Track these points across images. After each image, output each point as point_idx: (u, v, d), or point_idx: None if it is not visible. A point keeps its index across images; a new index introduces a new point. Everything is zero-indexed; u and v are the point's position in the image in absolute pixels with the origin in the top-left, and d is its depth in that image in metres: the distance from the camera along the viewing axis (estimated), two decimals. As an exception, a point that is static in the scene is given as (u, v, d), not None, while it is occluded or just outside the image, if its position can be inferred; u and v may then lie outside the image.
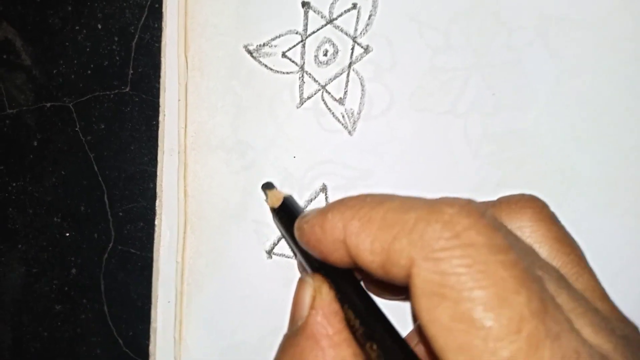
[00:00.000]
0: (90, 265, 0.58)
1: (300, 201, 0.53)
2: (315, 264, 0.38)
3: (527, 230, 0.34)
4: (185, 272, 0.54)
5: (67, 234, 0.58)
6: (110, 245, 0.57)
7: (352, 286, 0.36)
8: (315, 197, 0.53)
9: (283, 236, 0.50)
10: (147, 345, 0.56)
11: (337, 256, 0.33)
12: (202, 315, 0.54)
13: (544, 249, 0.34)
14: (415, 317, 0.29)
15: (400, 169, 0.53)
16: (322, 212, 0.34)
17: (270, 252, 0.54)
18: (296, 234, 0.38)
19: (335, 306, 0.35)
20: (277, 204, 0.47)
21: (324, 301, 0.36)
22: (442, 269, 0.27)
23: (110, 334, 0.57)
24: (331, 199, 0.53)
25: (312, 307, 0.36)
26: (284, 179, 0.54)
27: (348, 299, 0.36)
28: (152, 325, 0.56)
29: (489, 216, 0.28)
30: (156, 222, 0.56)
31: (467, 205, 0.28)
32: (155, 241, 0.56)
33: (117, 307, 0.57)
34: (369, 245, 0.30)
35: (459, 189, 0.52)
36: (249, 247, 0.54)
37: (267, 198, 0.49)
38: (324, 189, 0.53)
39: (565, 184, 0.51)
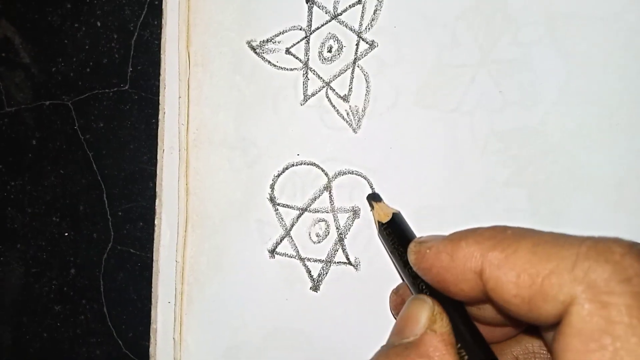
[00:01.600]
0: (89, 265, 0.57)
1: (304, 199, 0.53)
2: (424, 290, 0.38)
3: None
4: (186, 272, 0.54)
5: (66, 234, 0.57)
6: (110, 245, 0.57)
7: (464, 319, 0.36)
8: (319, 196, 0.53)
9: (387, 252, 0.49)
10: (147, 347, 0.55)
11: (464, 287, 0.33)
12: (202, 315, 0.53)
13: None
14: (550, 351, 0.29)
15: (406, 167, 0.52)
16: (453, 239, 0.33)
17: (272, 252, 0.53)
18: (411, 257, 0.37)
19: (452, 338, 0.35)
20: (385, 219, 0.47)
21: (444, 328, 0.35)
22: (609, 315, 0.26)
23: (110, 334, 0.57)
24: (335, 198, 0.53)
25: (431, 329, 0.35)
26: (287, 177, 0.53)
27: (461, 333, 0.35)
28: (152, 326, 0.55)
29: None
30: (156, 222, 0.55)
31: (634, 247, 0.27)
32: (155, 241, 0.55)
33: (117, 308, 0.57)
34: (513, 278, 0.29)
35: (465, 187, 0.52)
36: (251, 246, 0.53)
37: (372, 209, 0.49)
38: (327, 187, 0.53)
39: (573, 183, 0.51)
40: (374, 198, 0.51)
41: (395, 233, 0.45)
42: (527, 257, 0.29)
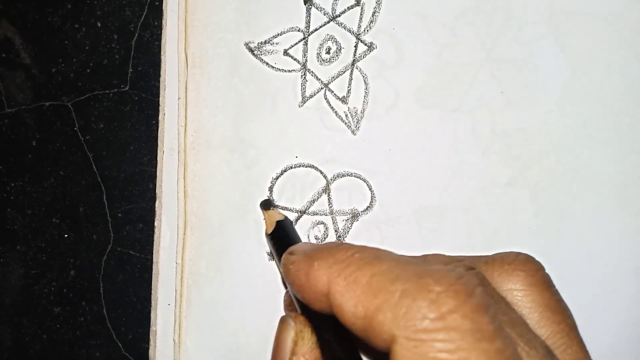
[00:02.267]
0: (89, 267, 0.57)
1: (303, 202, 0.53)
2: (300, 302, 0.38)
3: (518, 294, 0.33)
4: (185, 274, 0.53)
5: (66, 235, 0.57)
6: (109, 246, 0.57)
7: (335, 332, 0.35)
8: (317, 198, 0.53)
9: (277, 265, 0.50)
10: (147, 349, 0.55)
11: (319, 306, 0.33)
12: (202, 317, 0.53)
13: (534, 315, 0.33)
14: None
15: (406, 169, 0.52)
16: (309, 258, 0.33)
17: (271, 254, 0.53)
18: (282, 270, 0.37)
19: (316, 353, 0.35)
20: (270, 229, 0.47)
21: (305, 347, 0.35)
22: (424, 351, 0.26)
23: (110, 336, 0.57)
24: (334, 200, 0.52)
25: (293, 352, 0.35)
26: (286, 179, 0.53)
27: (329, 346, 0.35)
28: (152, 328, 0.55)
29: (478, 294, 0.28)
30: (156, 223, 0.55)
31: (456, 283, 0.28)
32: (155, 242, 0.55)
33: (116, 310, 0.57)
34: (352, 308, 0.30)
35: (466, 188, 0.51)
36: (250, 249, 0.53)
37: (264, 218, 0.49)
38: (326, 189, 0.52)
39: (577, 183, 0.51)
40: (264, 206, 0.51)
41: (278, 243, 0.45)
42: (363, 288, 0.29)
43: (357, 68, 0.52)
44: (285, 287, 0.45)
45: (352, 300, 0.30)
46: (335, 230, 0.52)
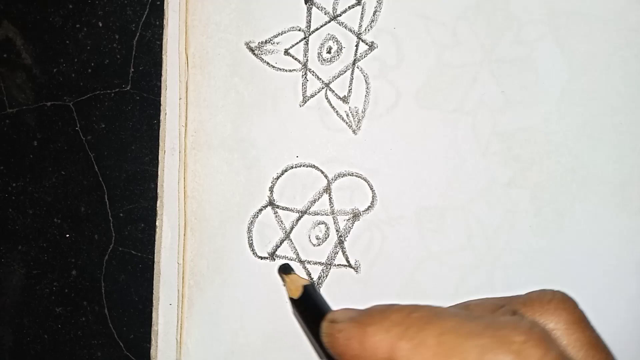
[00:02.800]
0: (90, 266, 0.57)
1: (304, 201, 0.53)
2: None
3: (561, 332, 0.32)
4: (187, 275, 0.53)
5: (67, 235, 0.57)
6: (111, 246, 0.57)
7: None
8: (318, 198, 0.53)
9: (303, 329, 0.48)
10: (149, 349, 0.55)
11: None
12: (203, 317, 0.53)
13: (580, 353, 0.32)
14: None
15: (407, 169, 0.52)
16: (361, 324, 0.32)
17: (272, 255, 0.53)
18: (325, 339, 0.36)
19: None
20: (296, 294, 0.45)
21: None
22: None
23: (111, 336, 0.57)
24: (335, 200, 0.52)
25: None
26: (287, 179, 0.53)
27: None
28: (154, 328, 0.55)
29: (554, 342, 0.28)
30: (157, 223, 0.55)
31: (531, 332, 0.27)
32: (157, 242, 0.55)
33: (118, 310, 0.57)
34: None
35: (467, 188, 0.51)
36: (251, 249, 0.53)
37: (284, 283, 0.48)
38: (327, 189, 0.52)
39: (577, 183, 0.51)
40: (284, 271, 0.49)
41: (310, 309, 0.43)
42: (434, 348, 0.28)
43: (358, 68, 0.52)
44: (321, 357, 0.44)
45: None
46: (337, 230, 0.52)
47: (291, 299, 0.45)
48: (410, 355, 0.29)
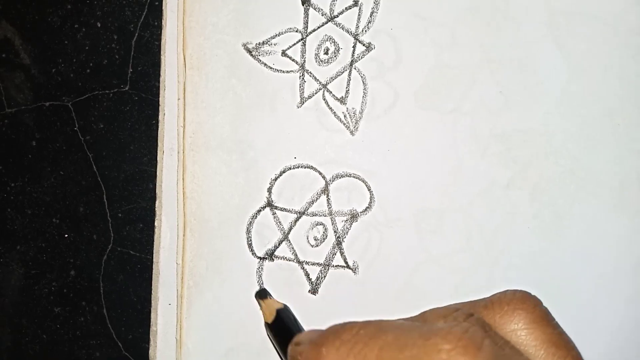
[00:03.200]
0: (89, 267, 0.57)
1: (302, 202, 0.53)
2: None
3: (522, 333, 0.33)
4: (186, 275, 0.53)
5: (66, 235, 0.57)
6: (110, 246, 0.57)
7: None
8: (316, 199, 0.53)
9: (277, 353, 0.49)
10: (147, 349, 0.55)
11: None
12: (202, 318, 0.53)
13: (540, 352, 0.32)
14: None
15: (405, 170, 0.52)
16: (317, 345, 0.33)
17: (271, 255, 0.53)
18: None
19: None
20: (270, 318, 0.47)
21: None
22: None
23: (110, 336, 0.57)
24: (333, 201, 0.52)
25: None
26: (285, 180, 0.53)
27: None
28: (152, 328, 0.55)
29: (486, 346, 0.28)
30: (156, 223, 0.55)
31: (462, 338, 0.28)
32: (155, 243, 0.55)
33: (117, 310, 0.57)
34: None
35: (465, 190, 0.52)
36: (250, 250, 0.53)
37: (260, 307, 0.49)
38: (325, 190, 0.52)
39: (575, 184, 0.51)
40: (260, 295, 0.51)
41: (280, 332, 0.45)
42: None
43: (355, 69, 0.52)
44: None
45: None
46: (335, 231, 0.52)
47: (265, 324, 0.47)
48: None
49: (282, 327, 0.45)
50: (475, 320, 0.30)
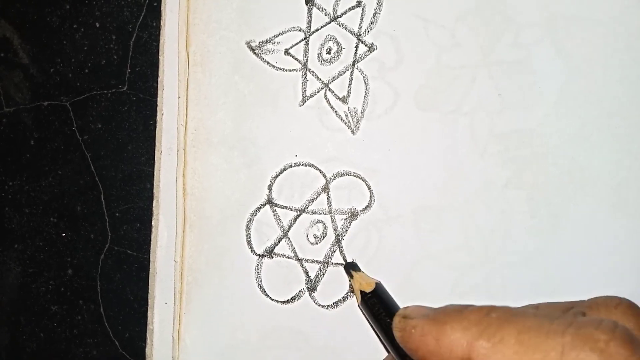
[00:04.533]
0: (86, 266, 0.57)
1: (302, 200, 0.53)
2: None
3: None
4: (185, 271, 0.53)
5: (64, 234, 0.57)
6: (107, 246, 0.57)
7: None
8: (317, 197, 0.53)
9: (370, 324, 0.48)
10: (144, 347, 0.55)
11: None
12: (201, 314, 0.53)
13: None
14: None
15: (404, 169, 0.52)
16: (437, 321, 0.33)
17: (270, 252, 0.53)
18: (397, 334, 0.36)
19: None
20: (368, 288, 0.46)
21: None
22: None
23: (107, 335, 0.57)
24: (333, 199, 0.53)
25: None
26: (285, 177, 0.53)
27: None
28: (149, 327, 0.55)
29: (638, 340, 0.28)
30: (153, 223, 0.55)
31: (617, 332, 0.27)
32: (152, 242, 0.55)
33: (114, 309, 0.57)
34: None
35: (464, 189, 0.52)
36: (249, 247, 0.53)
37: (352, 278, 0.49)
38: (325, 188, 0.53)
39: (573, 185, 0.51)
40: (353, 267, 0.50)
41: (379, 304, 0.44)
42: (515, 347, 0.29)
43: (357, 68, 0.53)
44: (387, 350, 0.44)
45: None
46: (334, 230, 0.53)
47: (362, 292, 0.45)
48: (489, 354, 0.30)
49: (381, 300, 0.44)
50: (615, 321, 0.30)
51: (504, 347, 0.29)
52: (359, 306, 0.47)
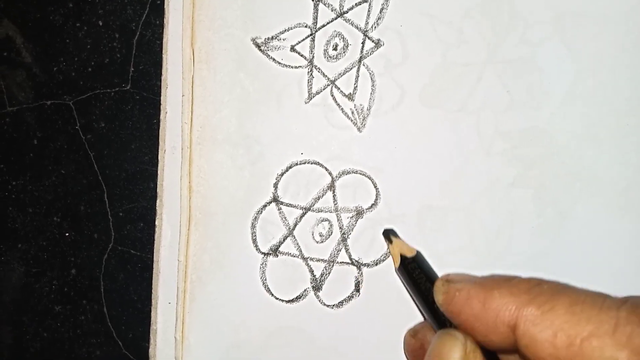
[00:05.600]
0: (89, 265, 0.57)
1: (308, 198, 0.53)
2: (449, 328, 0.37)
3: None
4: (189, 270, 0.53)
5: (67, 234, 0.57)
6: (110, 245, 0.57)
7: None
8: (322, 195, 0.53)
9: (407, 290, 0.48)
10: (147, 347, 0.55)
11: (494, 338, 0.32)
12: (205, 313, 0.53)
13: None
14: None
15: (410, 167, 0.52)
16: (485, 286, 0.33)
17: (275, 250, 0.53)
18: (439, 297, 0.36)
19: None
20: (409, 254, 0.45)
21: None
22: None
23: (110, 335, 0.57)
24: (339, 197, 0.53)
25: None
26: (291, 175, 0.53)
27: None
28: (152, 327, 0.55)
29: None
30: (157, 222, 0.55)
31: None
32: (156, 241, 0.55)
33: (117, 309, 0.57)
34: (550, 337, 0.29)
35: (470, 188, 0.52)
36: (254, 245, 0.53)
37: (391, 244, 0.48)
38: (331, 186, 0.53)
39: (580, 184, 0.51)
40: (393, 233, 0.49)
41: (420, 269, 0.44)
42: (565, 316, 0.29)
43: (364, 65, 0.52)
44: (424, 316, 0.44)
45: (550, 329, 0.29)
46: (340, 228, 0.52)
47: (404, 258, 0.45)
48: (537, 321, 0.30)
49: (421, 266, 0.44)
50: None
51: (554, 316, 0.29)
52: (396, 271, 0.46)
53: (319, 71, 0.53)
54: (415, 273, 0.44)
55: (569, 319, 0.29)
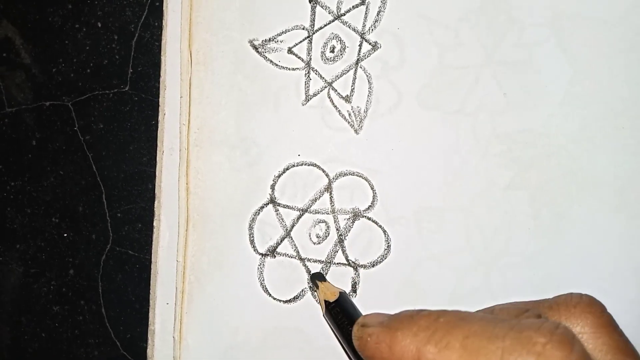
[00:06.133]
0: (88, 266, 0.57)
1: (304, 200, 0.53)
2: None
3: (588, 336, 0.33)
4: (187, 271, 0.53)
5: (65, 235, 0.57)
6: (108, 246, 0.57)
7: None
8: (319, 197, 0.53)
9: (334, 332, 0.49)
10: (145, 348, 0.55)
11: None
12: (203, 314, 0.53)
13: (607, 357, 0.32)
14: None
15: (407, 169, 0.52)
16: (390, 328, 0.33)
17: (273, 252, 0.53)
18: (356, 343, 0.36)
19: None
20: (332, 298, 0.46)
21: None
22: None
23: (108, 335, 0.57)
24: (336, 199, 0.53)
25: None
26: (288, 177, 0.53)
27: None
28: (150, 327, 0.55)
29: (577, 343, 0.28)
30: (155, 223, 0.55)
31: (557, 334, 0.28)
32: (154, 242, 0.55)
33: (115, 309, 0.57)
34: None
35: (466, 190, 0.52)
36: (252, 246, 0.53)
37: (317, 289, 0.49)
38: (328, 188, 0.53)
39: (576, 186, 0.51)
40: (318, 278, 0.51)
41: (342, 313, 0.45)
42: (459, 352, 0.29)
43: (361, 67, 0.52)
44: (348, 354, 0.45)
45: None
46: (337, 229, 0.52)
47: (326, 303, 0.46)
48: (436, 358, 0.30)
49: (343, 309, 0.45)
50: (558, 322, 0.30)
51: (450, 352, 0.30)
52: (323, 316, 0.47)
53: (316, 73, 0.53)
54: (339, 318, 0.44)
55: (462, 354, 0.29)
